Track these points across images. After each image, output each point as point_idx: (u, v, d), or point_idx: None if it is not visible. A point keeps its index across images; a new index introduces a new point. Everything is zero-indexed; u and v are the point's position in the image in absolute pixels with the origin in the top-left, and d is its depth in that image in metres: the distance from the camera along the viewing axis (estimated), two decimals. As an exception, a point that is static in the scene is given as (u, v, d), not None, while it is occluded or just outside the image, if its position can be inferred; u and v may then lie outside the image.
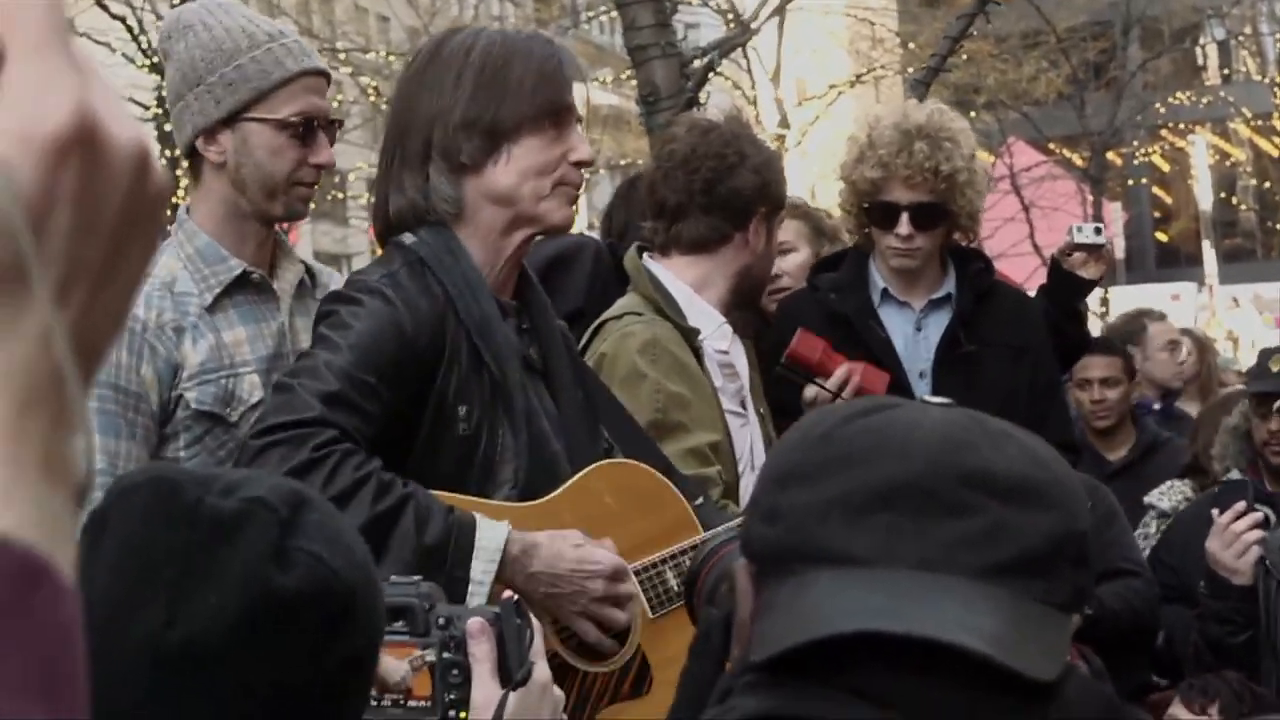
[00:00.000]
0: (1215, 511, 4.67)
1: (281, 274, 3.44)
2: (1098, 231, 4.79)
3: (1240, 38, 32.96)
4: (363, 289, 3.04)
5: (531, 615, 2.29)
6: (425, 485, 2.96)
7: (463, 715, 2.11)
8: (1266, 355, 5.56)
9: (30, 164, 0.87)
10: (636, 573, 3.10)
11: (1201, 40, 36.87)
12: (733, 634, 1.72)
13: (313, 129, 3.35)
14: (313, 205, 3.59)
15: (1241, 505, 4.55)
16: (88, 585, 0.90)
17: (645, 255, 4.06)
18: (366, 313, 2.99)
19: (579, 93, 3.22)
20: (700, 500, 3.27)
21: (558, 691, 2.29)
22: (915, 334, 4.52)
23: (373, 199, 3.29)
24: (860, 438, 1.50)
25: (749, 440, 4.00)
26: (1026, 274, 18.40)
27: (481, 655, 2.14)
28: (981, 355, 4.45)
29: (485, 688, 2.12)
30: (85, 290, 0.90)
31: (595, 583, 2.99)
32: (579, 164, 3.17)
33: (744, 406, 4.05)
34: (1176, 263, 37.65)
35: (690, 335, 3.88)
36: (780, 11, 14.25)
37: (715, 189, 3.98)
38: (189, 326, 3.26)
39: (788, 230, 4.90)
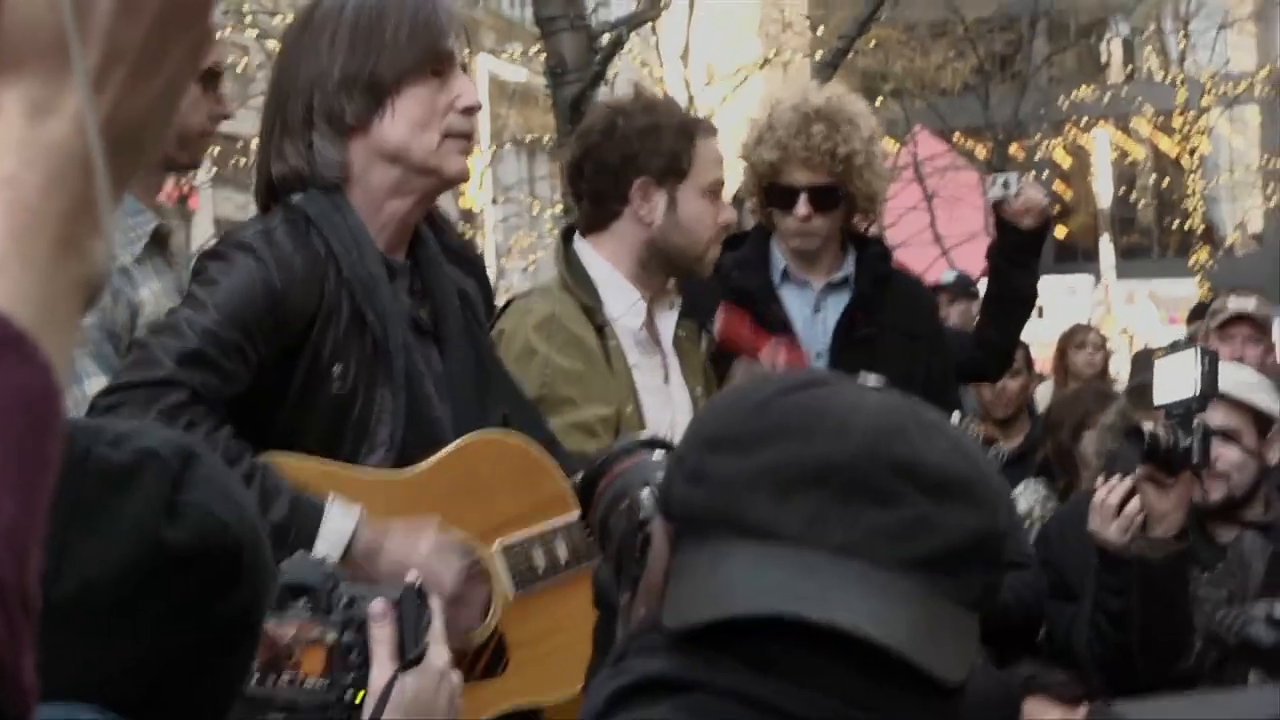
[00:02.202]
0: (1100, 479, 4.67)
1: (177, 232, 3.44)
2: (1005, 184, 4.83)
3: (1144, 35, 33.37)
4: (234, 245, 3.00)
5: (431, 599, 2.28)
6: (297, 445, 2.92)
7: (360, 696, 2.12)
8: (1148, 354, 5.62)
9: None
10: (506, 549, 3.05)
11: (1107, 36, 37.29)
12: (636, 591, 1.71)
13: (219, 79, 3.44)
14: (215, 170, 3.60)
15: (1115, 480, 4.52)
16: None
17: (575, 235, 4.08)
18: (235, 269, 2.95)
19: (459, 39, 3.17)
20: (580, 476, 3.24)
21: (456, 677, 2.29)
22: (814, 314, 4.56)
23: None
24: (796, 412, 1.50)
25: (670, 416, 3.97)
26: (927, 263, 18.53)
27: (383, 638, 2.15)
28: (878, 339, 4.49)
29: (384, 670, 2.13)
30: (124, 77, 0.88)
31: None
32: (467, 110, 3.11)
33: (667, 382, 4.03)
34: (1074, 257, 37.98)
35: (592, 313, 3.87)
36: (691, -10, 14.26)
37: (584, 167, 4.01)
38: (135, 273, 3.25)
39: None
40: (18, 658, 0.85)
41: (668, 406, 4.00)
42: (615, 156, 3.96)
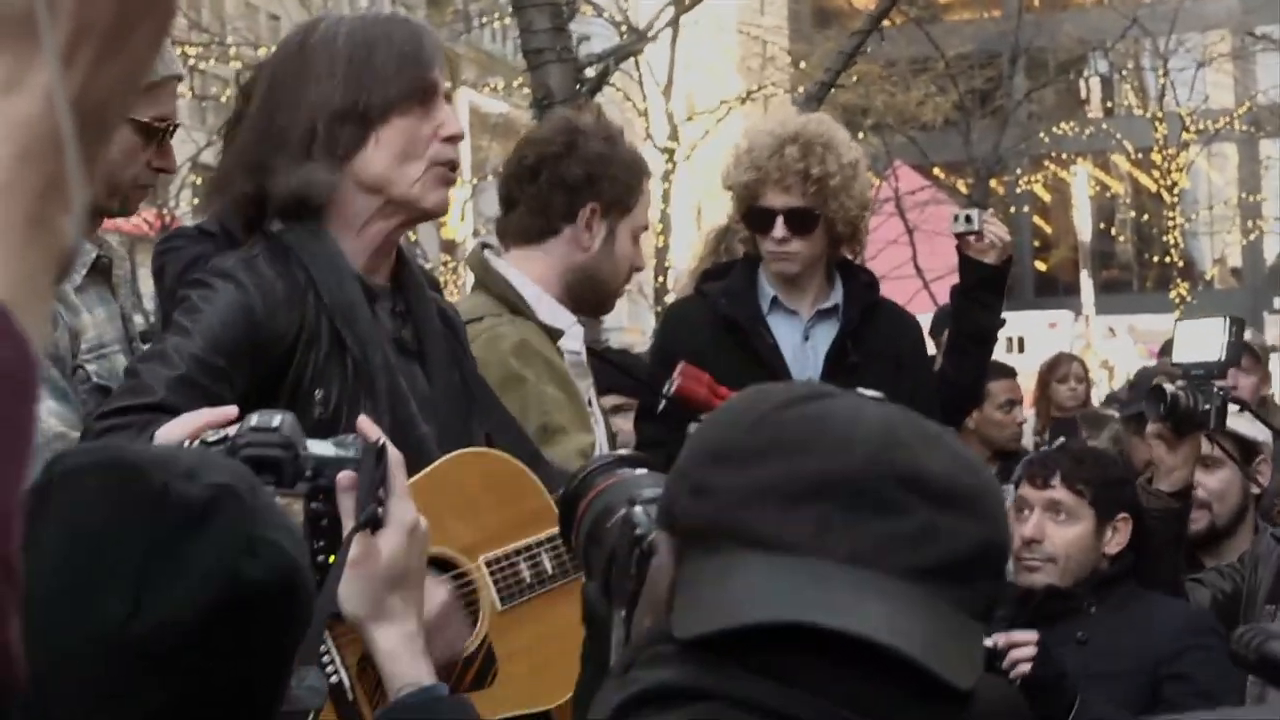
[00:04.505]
0: None
1: (120, 262, 3.51)
2: (968, 219, 4.78)
3: (1123, 72, 33.54)
4: (216, 273, 3.01)
5: (392, 452, 2.37)
6: None
7: (332, 559, 2.24)
8: (1147, 376, 5.64)
9: None
10: (489, 563, 3.07)
11: (1085, 73, 37.46)
12: (634, 605, 1.71)
13: (166, 133, 3.40)
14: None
15: None
16: (25, 569, 0.87)
17: (486, 252, 3.99)
18: (217, 296, 2.96)
19: (442, 70, 3.17)
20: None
21: (423, 524, 2.37)
22: (803, 343, 4.56)
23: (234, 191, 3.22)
24: (798, 425, 1.50)
25: (598, 438, 3.97)
26: (908, 296, 18.59)
27: (350, 508, 2.26)
28: (866, 367, 4.48)
29: None
30: (92, 54, 0.89)
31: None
32: (450, 139, 3.13)
33: (591, 405, 4.03)
34: (1054, 291, 38.14)
35: (554, 335, 3.85)
36: (674, 24, 14.30)
37: (538, 176, 3.89)
38: (75, 300, 3.27)
39: None
40: (6, 628, 0.86)
41: (597, 428, 4.01)
42: (576, 174, 3.87)
